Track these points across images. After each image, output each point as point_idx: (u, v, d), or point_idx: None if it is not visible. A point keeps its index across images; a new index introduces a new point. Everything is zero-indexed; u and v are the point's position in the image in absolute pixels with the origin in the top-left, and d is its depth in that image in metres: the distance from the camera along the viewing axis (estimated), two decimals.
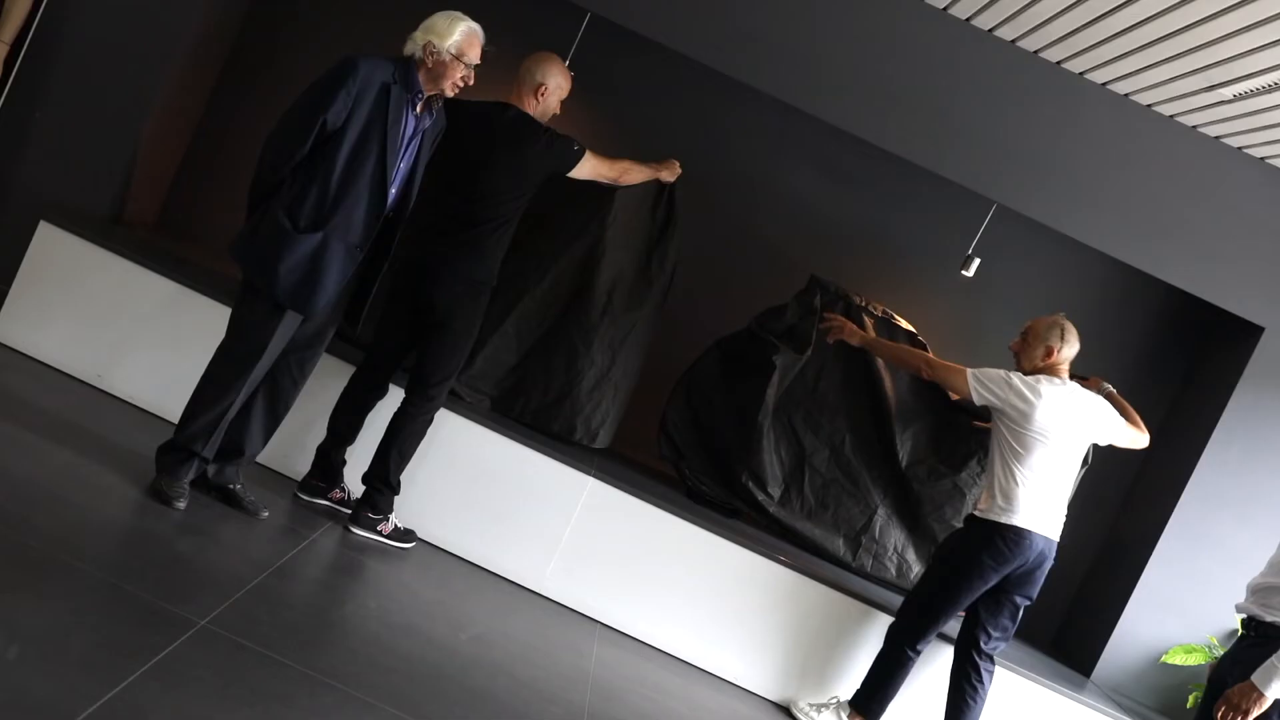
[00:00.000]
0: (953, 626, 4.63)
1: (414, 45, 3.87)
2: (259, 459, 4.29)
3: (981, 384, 4.41)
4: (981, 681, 4.43)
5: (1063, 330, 4.49)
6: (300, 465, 4.61)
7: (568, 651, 4.31)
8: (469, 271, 4.32)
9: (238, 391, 3.87)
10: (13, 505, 3.41)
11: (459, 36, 3.87)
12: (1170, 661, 5.23)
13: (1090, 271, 5.87)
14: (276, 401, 4.08)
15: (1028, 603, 4.43)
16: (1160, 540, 5.34)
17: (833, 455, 5.15)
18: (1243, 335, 5.44)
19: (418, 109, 3.91)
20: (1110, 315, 5.85)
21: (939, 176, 5.33)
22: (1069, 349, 4.48)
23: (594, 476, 4.72)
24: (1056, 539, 4.39)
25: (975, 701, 4.42)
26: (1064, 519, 4.44)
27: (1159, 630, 5.34)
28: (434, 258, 4.31)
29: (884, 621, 4.67)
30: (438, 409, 4.45)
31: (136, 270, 4.70)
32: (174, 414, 4.58)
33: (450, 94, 3.95)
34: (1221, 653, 4.07)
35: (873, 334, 5.04)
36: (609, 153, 4.73)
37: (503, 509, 4.71)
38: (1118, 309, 5.87)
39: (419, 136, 3.95)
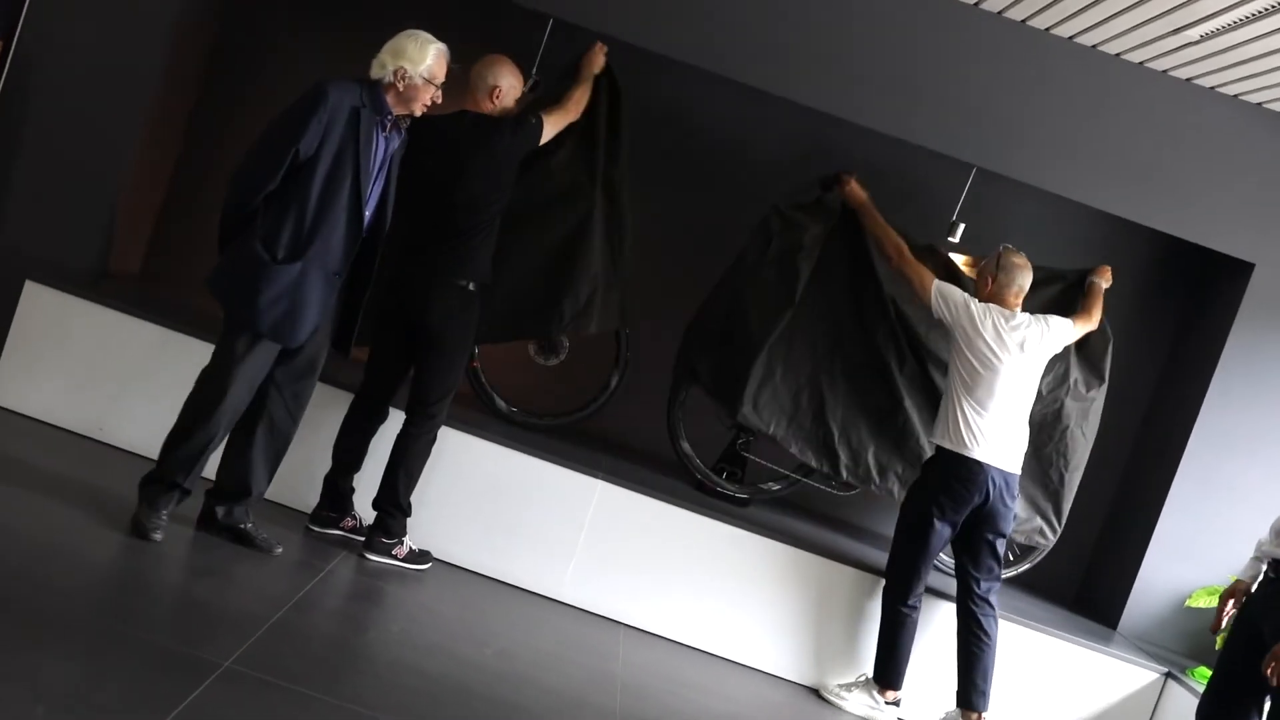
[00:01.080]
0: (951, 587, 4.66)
1: (383, 69, 3.87)
2: (268, 495, 4.28)
3: (942, 298, 4.47)
4: (984, 628, 4.43)
5: (998, 260, 4.54)
6: (309, 498, 4.60)
7: (593, 656, 4.31)
8: (461, 282, 4.32)
9: (218, 424, 3.86)
10: (26, 563, 3.41)
11: (431, 60, 3.88)
12: (1195, 605, 5.23)
13: (1075, 226, 5.86)
14: (276, 437, 4.07)
15: (1002, 539, 4.45)
16: (1172, 486, 5.33)
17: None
18: (1233, 274, 5.44)
19: (387, 130, 3.92)
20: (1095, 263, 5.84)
21: (914, 145, 5.32)
22: (1006, 276, 4.50)
23: (602, 479, 4.73)
24: (1016, 472, 4.43)
25: (985, 649, 4.42)
26: (1023, 452, 4.48)
27: (1180, 575, 5.33)
28: (423, 274, 4.31)
29: None
30: (439, 426, 4.45)
31: (127, 320, 4.70)
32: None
33: (418, 114, 3.96)
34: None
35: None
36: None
37: (515, 521, 4.72)
38: (1107, 261, 5.85)
39: (389, 158, 3.96)
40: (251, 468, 4.04)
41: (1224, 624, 3.96)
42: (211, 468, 4.09)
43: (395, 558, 4.43)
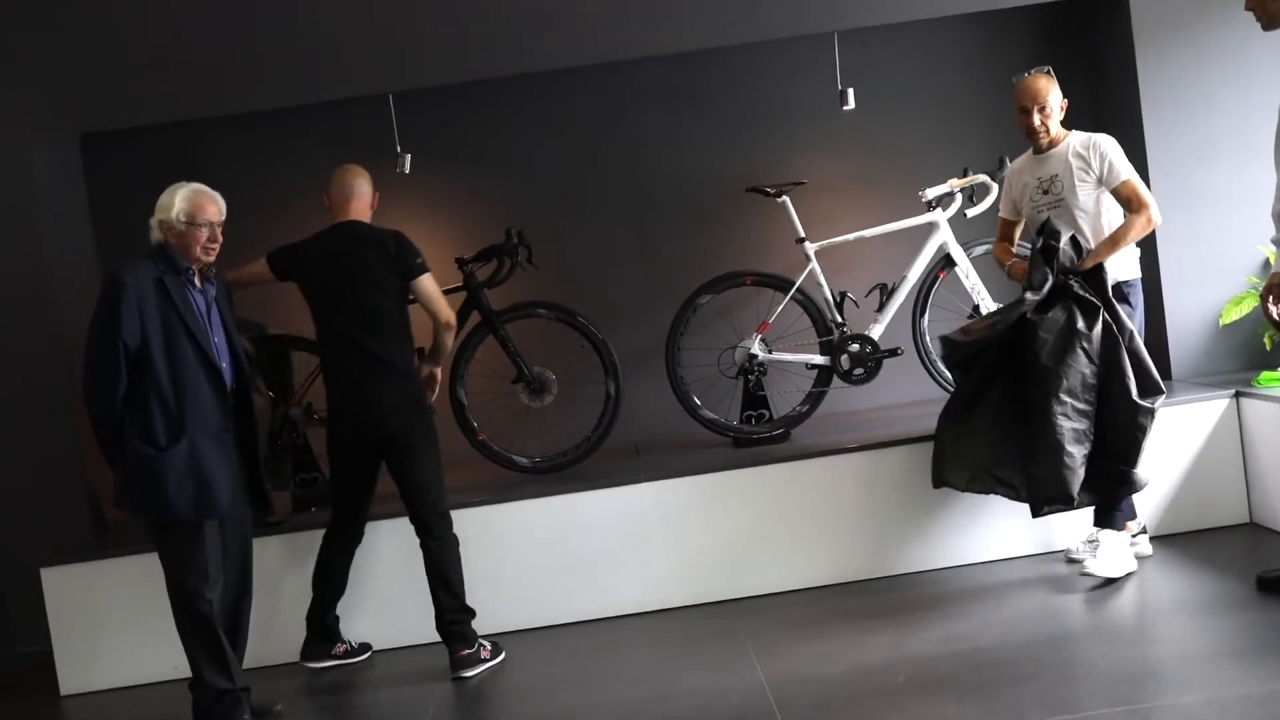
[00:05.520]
0: None
1: (154, 232, 3.90)
2: (256, 663, 4.29)
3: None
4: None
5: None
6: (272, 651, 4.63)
7: (726, 643, 4.31)
8: (404, 390, 4.35)
9: (215, 615, 3.87)
10: None
11: (180, 204, 3.86)
12: (1229, 321, 5.24)
13: (950, 44, 5.88)
14: (236, 615, 4.06)
15: None
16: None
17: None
18: (1113, 9, 5.44)
19: (197, 283, 3.92)
20: (995, 72, 5.85)
21: (772, 44, 5.34)
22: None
23: (645, 481, 4.73)
24: None
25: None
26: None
27: (1202, 302, 5.34)
28: (365, 392, 4.31)
29: None
30: (452, 522, 4.44)
31: (149, 559, 4.66)
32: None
33: (206, 259, 3.90)
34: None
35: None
36: None
37: (579, 559, 4.73)
38: (996, 60, 5.86)
39: (213, 305, 3.97)
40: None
41: (1277, 316, 3.92)
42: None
43: (485, 661, 4.36)
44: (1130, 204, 4.37)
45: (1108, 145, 4.40)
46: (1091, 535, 4.50)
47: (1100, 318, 4.26)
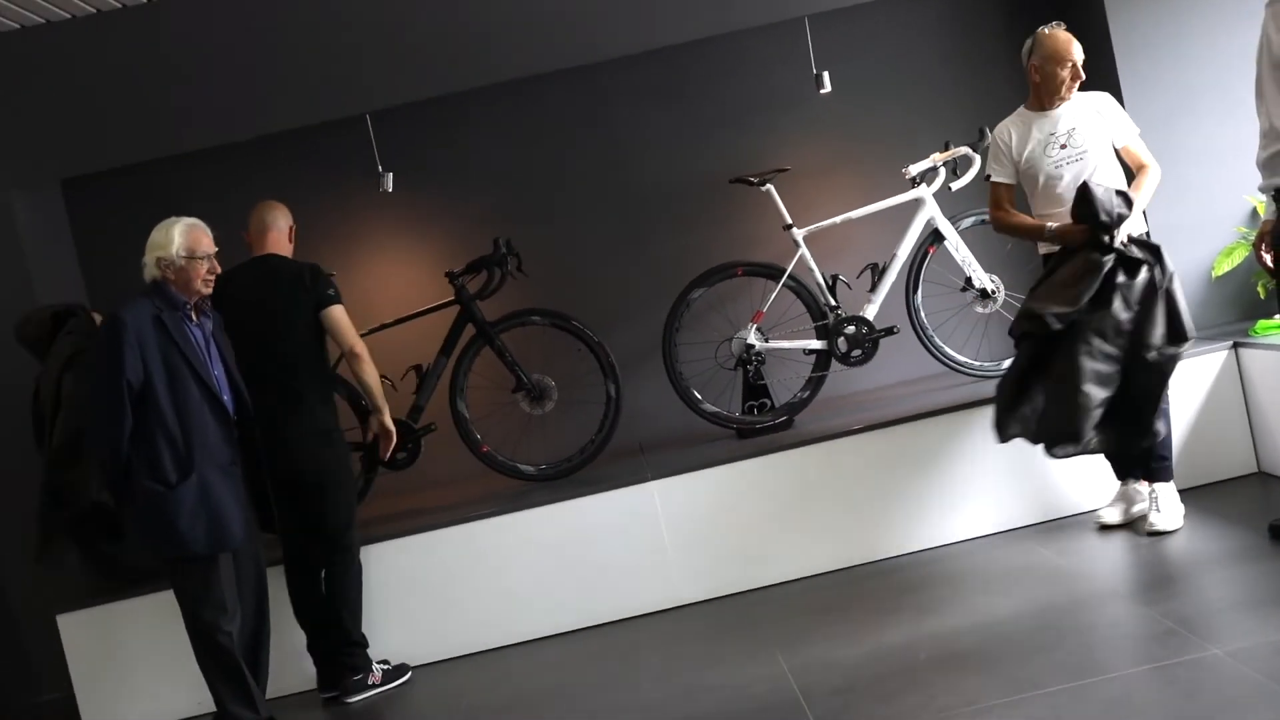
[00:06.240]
0: None
1: (150, 270, 3.91)
2: (279, 692, 4.32)
3: None
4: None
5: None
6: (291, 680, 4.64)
7: (746, 635, 4.30)
8: (312, 423, 4.33)
9: (235, 647, 3.88)
10: None
11: (179, 239, 3.89)
12: (1221, 273, 5.24)
13: (922, 19, 5.87)
14: (256, 646, 4.09)
15: None
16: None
17: None
18: None
19: (194, 318, 3.94)
20: (969, 44, 5.86)
21: (746, 33, 5.34)
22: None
23: (653, 480, 4.73)
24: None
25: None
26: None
27: (1193, 255, 5.33)
28: (277, 424, 4.28)
29: None
30: (358, 551, 4.45)
31: (164, 596, 4.66)
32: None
33: (206, 291, 3.94)
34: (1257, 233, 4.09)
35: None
36: None
37: (593, 562, 4.73)
38: (969, 32, 5.86)
39: (211, 339, 3.99)
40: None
41: (1271, 263, 3.93)
42: None
43: (375, 686, 4.41)
44: (1140, 156, 4.40)
45: (1114, 102, 4.45)
46: (1116, 495, 4.56)
47: (1143, 269, 4.18)
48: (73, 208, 5.66)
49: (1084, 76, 4.40)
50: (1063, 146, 4.40)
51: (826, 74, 5.43)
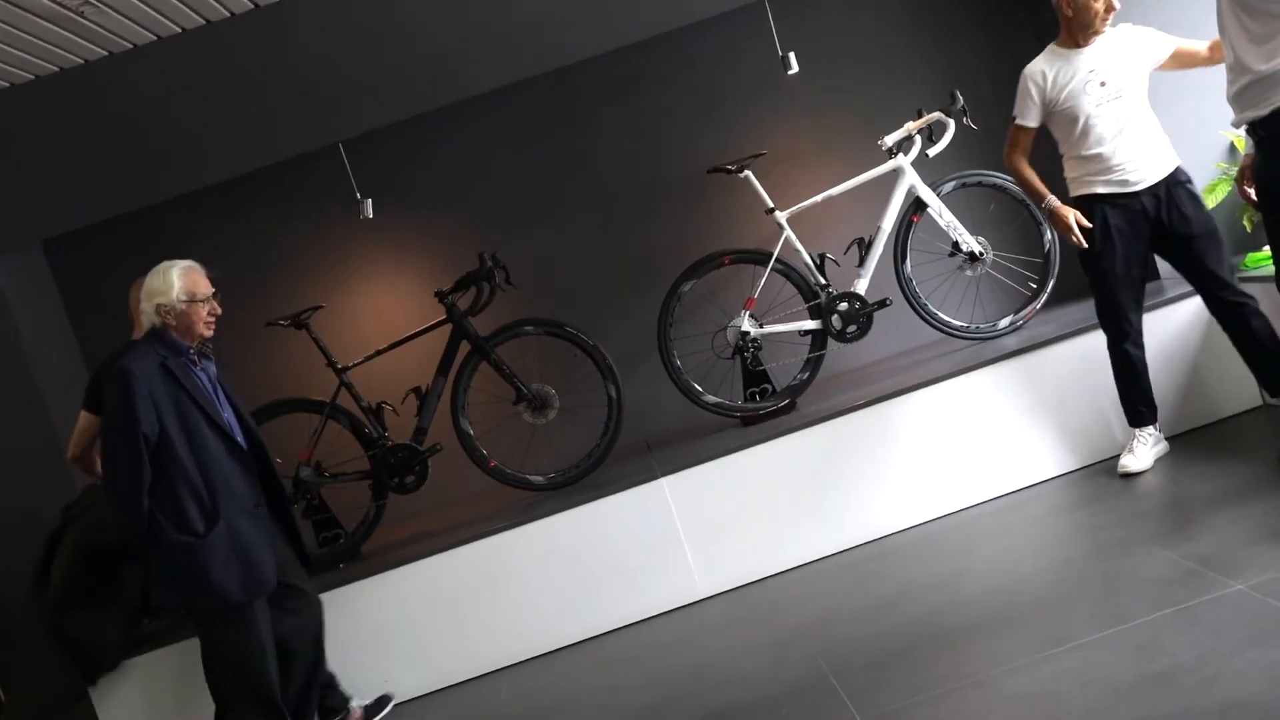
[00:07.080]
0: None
1: (150, 317, 3.85)
2: None
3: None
4: (1241, 314, 4.25)
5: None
6: None
7: (770, 622, 4.31)
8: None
9: (279, 698, 3.85)
10: None
11: (178, 283, 3.84)
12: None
13: (893, 4, 5.89)
14: (308, 688, 4.07)
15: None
16: None
17: None
18: None
19: (198, 363, 3.89)
20: (932, 10, 5.86)
21: (711, 20, 5.35)
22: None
23: (663, 477, 4.73)
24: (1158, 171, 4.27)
25: (1253, 327, 4.26)
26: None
27: None
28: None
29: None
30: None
31: (191, 644, 4.66)
32: None
33: (208, 334, 3.89)
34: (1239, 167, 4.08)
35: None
36: None
37: (612, 565, 4.72)
38: (946, 18, 5.89)
39: (217, 382, 3.95)
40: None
41: (1255, 196, 3.93)
42: None
43: None
44: (1192, 45, 4.27)
45: (1138, 28, 4.32)
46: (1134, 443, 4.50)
47: None
48: (53, 262, 5.66)
49: (1118, 7, 4.19)
50: (1102, 84, 4.22)
51: (793, 54, 5.44)
